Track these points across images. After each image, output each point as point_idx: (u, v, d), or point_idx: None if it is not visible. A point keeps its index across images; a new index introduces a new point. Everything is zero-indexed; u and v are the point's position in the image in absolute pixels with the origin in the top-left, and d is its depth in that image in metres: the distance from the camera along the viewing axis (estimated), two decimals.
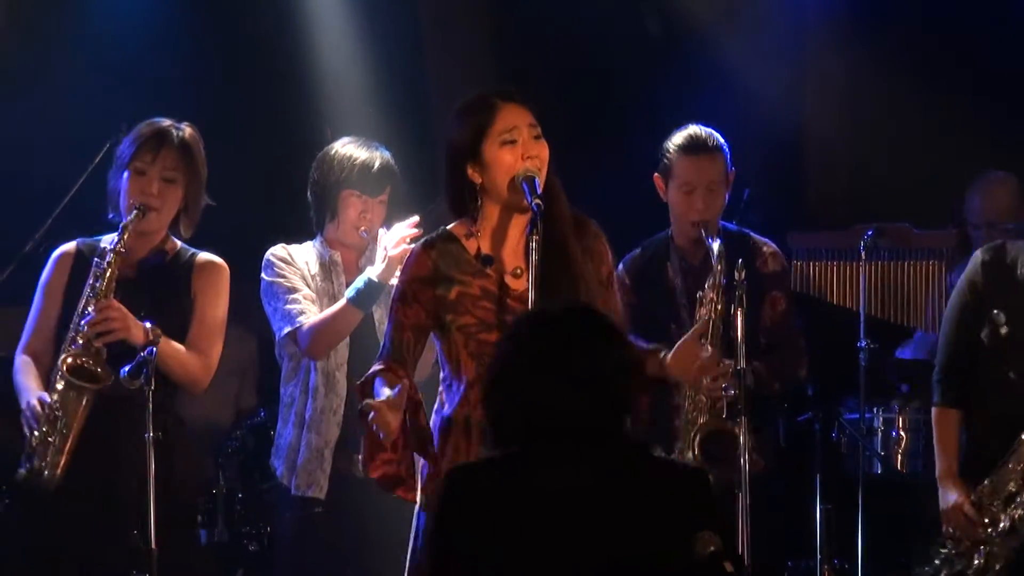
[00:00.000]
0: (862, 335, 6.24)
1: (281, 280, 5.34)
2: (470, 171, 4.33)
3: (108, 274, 4.92)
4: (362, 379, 4.33)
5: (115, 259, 4.93)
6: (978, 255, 5.14)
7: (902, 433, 6.26)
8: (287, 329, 5.30)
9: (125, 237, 4.95)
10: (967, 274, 5.13)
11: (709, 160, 5.44)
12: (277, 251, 5.42)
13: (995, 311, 5.03)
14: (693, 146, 5.45)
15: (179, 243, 5.17)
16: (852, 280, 6.35)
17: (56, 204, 6.28)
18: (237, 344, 7.65)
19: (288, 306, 5.30)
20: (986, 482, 4.99)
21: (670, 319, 5.34)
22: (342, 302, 5.23)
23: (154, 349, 4.79)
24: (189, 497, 5.24)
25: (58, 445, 4.84)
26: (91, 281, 4.94)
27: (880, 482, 6.32)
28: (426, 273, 4.35)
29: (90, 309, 4.90)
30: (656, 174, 5.51)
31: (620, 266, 5.44)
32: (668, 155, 5.48)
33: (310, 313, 5.28)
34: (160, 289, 5.07)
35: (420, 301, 4.34)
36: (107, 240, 5.09)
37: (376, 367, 4.32)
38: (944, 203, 6.87)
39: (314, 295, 5.35)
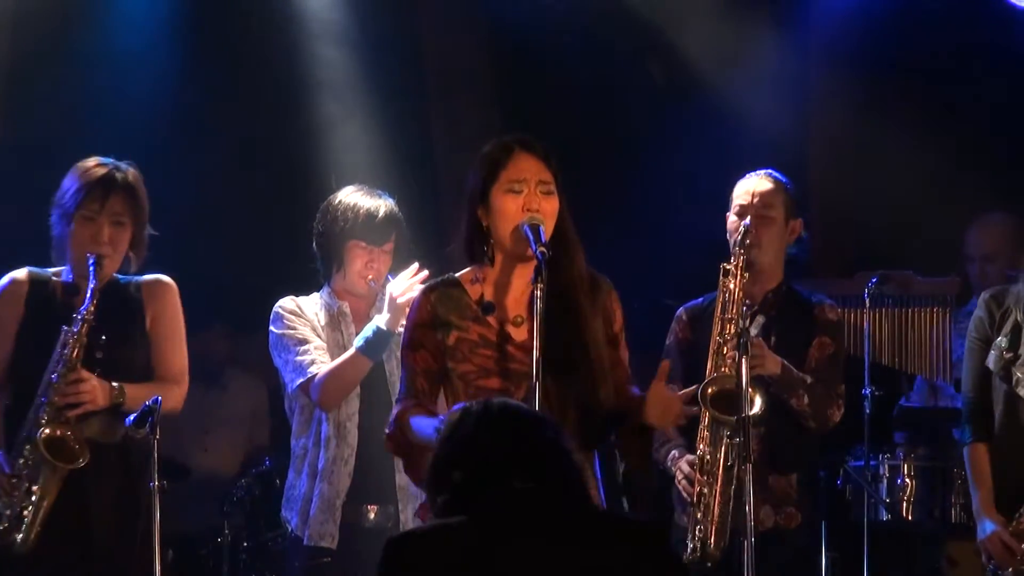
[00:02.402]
0: (867, 382, 6.24)
1: (291, 332, 5.33)
2: (480, 213, 4.37)
3: (77, 341, 4.91)
4: (393, 427, 4.32)
5: (84, 327, 4.92)
6: (983, 296, 5.23)
7: (908, 480, 6.25)
8: (299, 381, 5.29)
9: (95, 303, 4.92)
10: (974, 315, 5.19)
11: (764, 187, 5.39)
12: (286, 303, 5.40)
13: (999, 338, 5.08)
14: (758, 172, 5.44)
15: (119, 276, 5.14)
16: (856, 327, 6.35)
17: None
18: (247, 394, 7.69)
19: (299, 358, 5.29)
20: (1022, 509, 5.00)
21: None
22: (352, 351, 5.22)
23: (159, 398, 4.81)
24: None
25: (31, 517, 4.85)
26: (60, 349, 4.92)
27: (886, 529, 6.30)
28: (427, 318, 4.38)
29: (57, 377, 4.89)
30: (727, 213, 5.45)
31: (681, 308, 5.48)
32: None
33: (321, 364, 5.27)
34: (115, 323, 5.05)
35: (426, 346, 4.37)
36: (58, 273, 5.09)
37: (402, 406, 4.33)
38: (947, 250, 6.89)
39: (324, 346, 5.34)
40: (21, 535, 4.84)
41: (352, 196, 5.42)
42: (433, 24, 8.06)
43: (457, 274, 4.44)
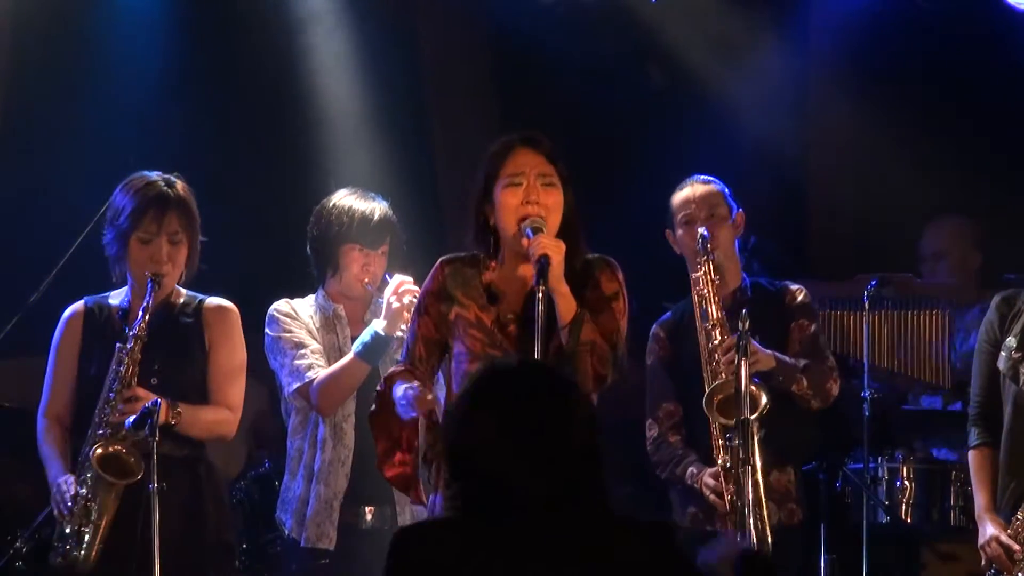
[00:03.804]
0: (866, 385, 6.23)
1: (287, 335, 5.33)
2: (486, 211, 4.44)
3: (130, 359, 4.91)
4: (387, 376, 4.47)
5: (136, 344, 4.92)
6: (995, 298, 5.24)
7: (907, 483, 6.24)
8: (296, 385, 5.29)
9: (147, 319, 4.93)
10: (985, 318, 5.22)
11: (704, 190, 5.44)
12: (281, 306, 5.40)
13: (1008, 339, 5.09)
14: (687, 182, 5.50)
15: (183, 291, 5.17)
16: (855, 330, 6.34)
17: (61, 255, 6.29)
18: (246, 395, 7.66)
19: (297, 361, 5.29)
20: (1019, 514, 5.01)
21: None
22: (349, 356, 5.22)
23: (158, 400, 4.81)
24: (227, 540, 5.24)
25: (92, 535, 4.85)
26: (114, 366, 4.93)
27: (885, 532, 6.29)
28: (436, 287, 4.48)
29: (113, 395, 4.90)
30: (667, 231, 5.52)
31: (655, 326, 5.53)
32: (670, 204, 5.51)
33: (318, 368, 5.27)
34: (173, 342, 5.07)
35: (430, 314, 4.48)
36: (115, 297, 5.11)
37: (395, 368, 4.50)
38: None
39: (321, 349, 5.34)
40: (82, 553, 4.84)
41: (346, 199, 5.43)
42: (433, 24, 8.05)
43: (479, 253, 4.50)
